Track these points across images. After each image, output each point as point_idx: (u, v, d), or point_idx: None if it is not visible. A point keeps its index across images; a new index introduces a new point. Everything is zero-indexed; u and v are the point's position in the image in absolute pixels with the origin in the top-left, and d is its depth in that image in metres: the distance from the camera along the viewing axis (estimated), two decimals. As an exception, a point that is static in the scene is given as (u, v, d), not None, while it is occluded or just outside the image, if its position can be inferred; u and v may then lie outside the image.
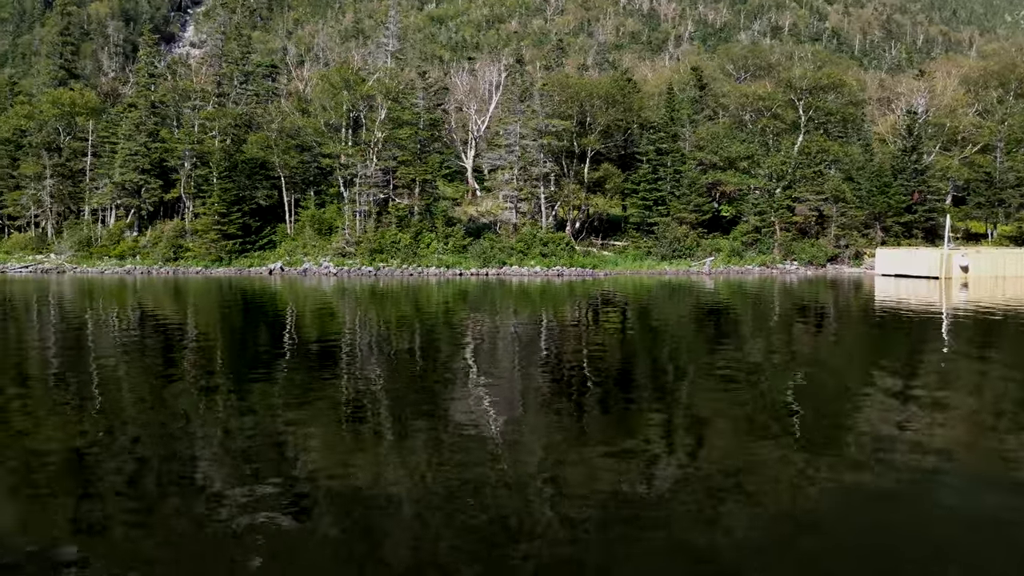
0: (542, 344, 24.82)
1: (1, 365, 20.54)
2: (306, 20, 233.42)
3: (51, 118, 76.56)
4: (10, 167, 78.01)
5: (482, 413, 14.56)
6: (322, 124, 70.54)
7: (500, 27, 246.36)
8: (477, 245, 66.02)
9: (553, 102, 69.68)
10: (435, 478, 10.59)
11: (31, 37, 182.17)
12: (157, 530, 8.90)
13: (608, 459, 11.57)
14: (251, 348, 24.31)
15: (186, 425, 13.47)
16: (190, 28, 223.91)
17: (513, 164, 68.26)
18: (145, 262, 68.39)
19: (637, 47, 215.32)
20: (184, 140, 71.25)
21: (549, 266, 63.66)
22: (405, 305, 39.34)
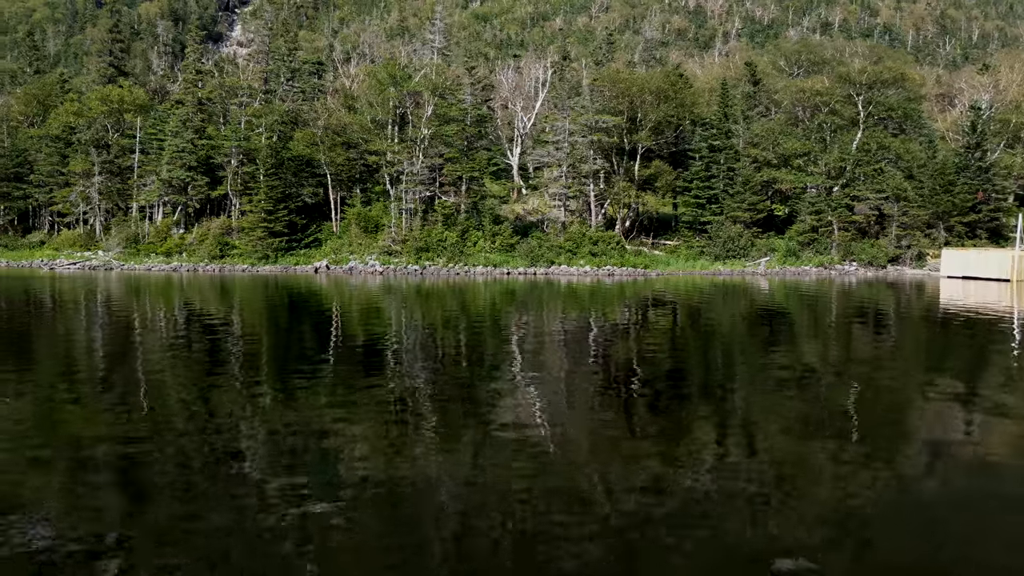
0: (591, 345, 24.25)
1: (52, 362, 20.53)
2: (351, 19, 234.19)
3: (100, 115, 76.78)
4: (60, 164, 78.41)
5: (529, 413, 14.39)
6: (368, 121, 69.71)
7: (545, 24, 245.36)
8: (525, 244, 64.66)
9: (603, 97, 68.05)
10: (480, 477, 10.54)
11: (83, 37, 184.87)
12: (203, 524, 8.92)
13: (656, 460, 11.42)
14: (297, 346, 24.12)
15: (232, 422, 13.50)
16: (237, 28, 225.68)
17: (562, 161, 66.74)
18: (191, 259, 68.13)
19: (684, 44, 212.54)
20: (231, 137, 70.87)
21: (599, 266, 62.08)
22: (451, 304, 38.70)
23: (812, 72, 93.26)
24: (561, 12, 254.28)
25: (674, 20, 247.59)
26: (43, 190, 79.97)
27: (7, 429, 13.08)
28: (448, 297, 42.68)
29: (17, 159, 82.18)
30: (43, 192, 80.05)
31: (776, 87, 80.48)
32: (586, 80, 68.48)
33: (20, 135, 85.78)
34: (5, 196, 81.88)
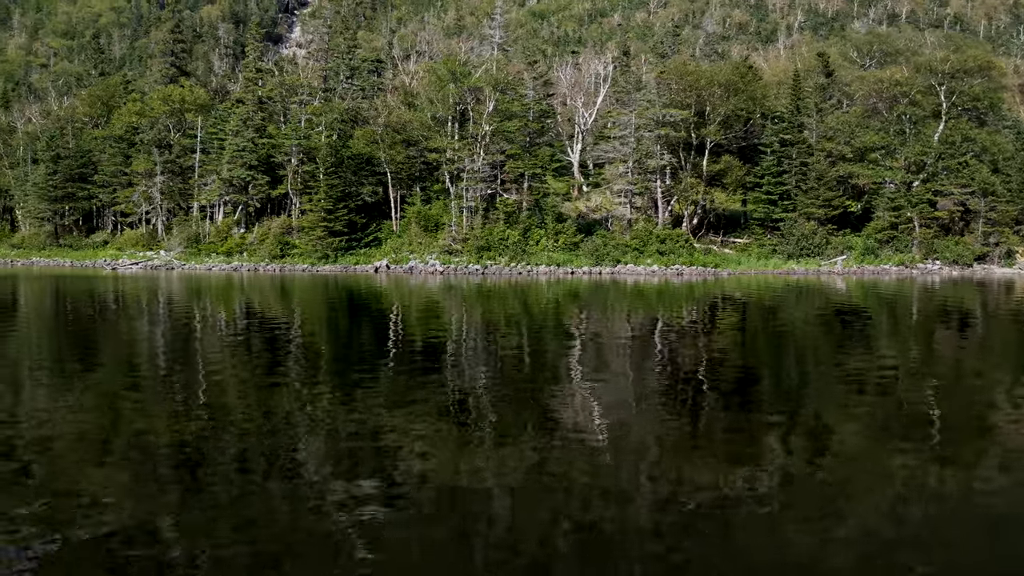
0: (658, 346, 23.37)
1: (115, 361, 20.53)
2: (408, 19, 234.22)
3: (161, 115, 76.89)
4: (123, 165, 78.80)
5: (591, 416, 13.98)
6: (428, 118, 68.39)
7: (602, 21, 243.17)
8: (589, 242, 62.68)
9: (670, 91, 65.69)
10: (539, 480, 10.39)
11: (147, 41, 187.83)
12: (260, 524, 8.89)
13: (720, 464, 11.12)
14: (356, 347, 23.75)
15: (290, 422, 13.40)
16: (296, 29, 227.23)
17: (627, 157, 64.56)
18: (252, 259, 67.62)
19: (745, 38, 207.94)
20: (291, 136, 70.24)
21: (667, 265, 59.83)
22: (513, 304, 37.70)
23: (885, 63, 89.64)
24: (619, 8, 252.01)
25: (735, 14, 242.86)
26: (106, 190, 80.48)
27: (72, 426, 13.08)
28: (510, 297, 41.68)
29: (82, 160, 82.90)
30: (106, 192, 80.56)
31: (846, 80, 77.17)
32: (652, 73, 66.11)
33: (85, 136, 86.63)
34: (70, 196, 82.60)
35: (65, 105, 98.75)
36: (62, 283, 51.47)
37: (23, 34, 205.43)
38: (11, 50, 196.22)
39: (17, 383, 17.18)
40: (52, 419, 13.52)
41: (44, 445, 11.97)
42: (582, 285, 49.82)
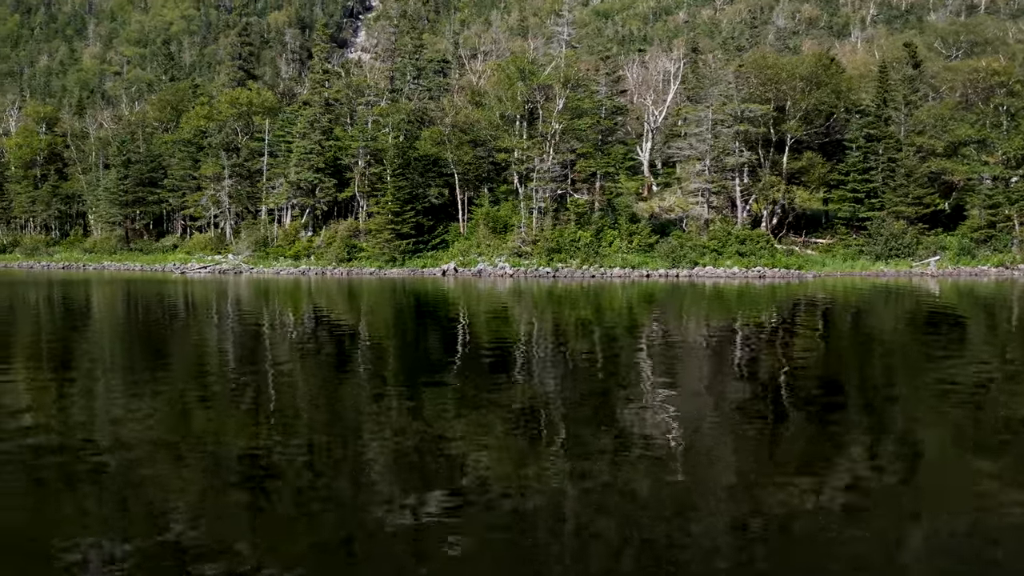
0: (737, 352, 22.39)
1: (185, 366, 20.49)
2: (471, 21, 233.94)
3: (229, 118, 76.81)
4: (192, 168, 79.00)
5: (664, 424, 13.45)
6: (497, 116, 66.68)
7: (667, 19, 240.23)
8: (665, 243, 60.21)
9: (748, 85, 62.80)
10: (606, 491, 10.07)
11: (215, 48, 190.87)
12: (325, 531, 8.85)
13: (798, 476, 10.67)
14: (423, 352, 23.48)
15: (357, 427, 13.45)
16: (361, 33, 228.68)
17: (704, 154, 61.90)
18: (319, 263, 66.82)
19: (816, 32, 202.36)
20: (358, 137, 69.30)
21: (748, 267, 57.04)
22: (585, 308, 36.45)
23: (973, 54, 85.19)
24: (684, 5, 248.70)
25: (804, 9, 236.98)
26: (176, 194, 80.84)
27: (143, 430, 13.13)
28: (582, 300, 40.31)
29: (152, 164, 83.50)
30: (176, 196, 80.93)
31: (933, 70, 73.16)
32: (730, 67, 63.32)
33: (155, 141, 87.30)
34: (140, 201, 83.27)
35: (136, 110, 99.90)
36: (132, 287, 51.36)
37: (98, 43, 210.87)
38: (87, 59, 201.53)
39: (91, 388, 17.11)
40: (125, 423, 13.54)
41: (117, 449, 12.00)
42: (658, 288, 47.83)
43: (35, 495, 10.01)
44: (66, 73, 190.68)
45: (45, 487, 10.31)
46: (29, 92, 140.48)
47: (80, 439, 12.66)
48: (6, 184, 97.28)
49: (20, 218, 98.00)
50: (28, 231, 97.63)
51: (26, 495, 10.00)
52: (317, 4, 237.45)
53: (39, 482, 10.49)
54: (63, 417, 14.26)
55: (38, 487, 10.31)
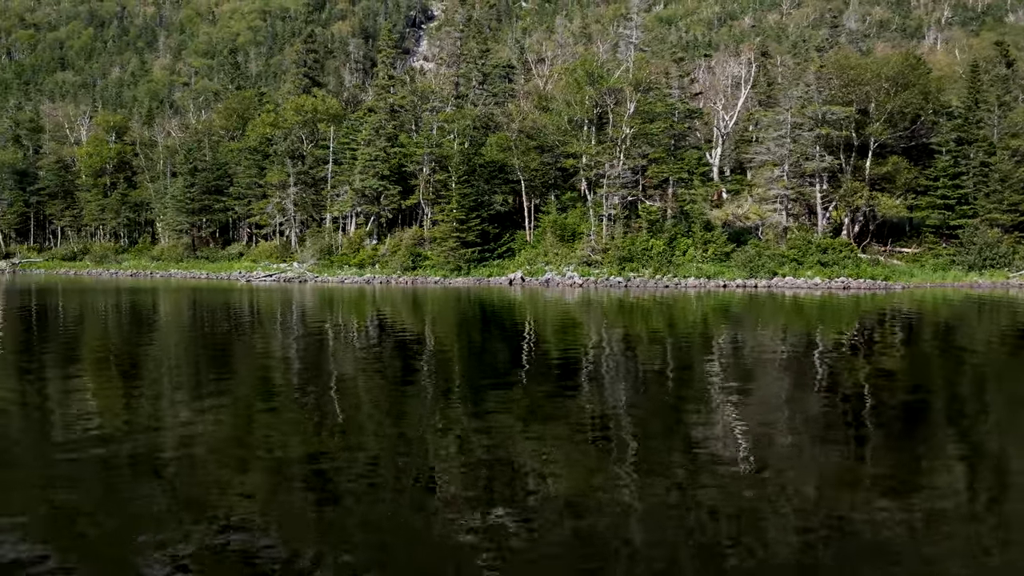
0: (817, 367, 21.45)
1: (250, 373, 20.55)
2: (533, 28, 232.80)
3: (294, 125, 76.44)
4: (257, 176, 78.84)
5: (738, 441, 13.01)
6: (565, 121, 64.86)
7: (732, 24, 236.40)
8: (742, 252, 57.60)
9: (830, 87, 59.90)
10: (676, 506, 9.83)
11: (281, 58, 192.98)
12: (386, 541, 8.80)
13: (877, 496, 10.08)
14: (489, 362, 22.99)
15: (422, 439, 13.26)
16: (423, 43, 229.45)
17: (783, 159, 59.17)
18: (384, 271, 65.75)
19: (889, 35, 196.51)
20: (423, 144, 68.15)
21: (831, 277, 54.16)
22: (657, 319, 35.52)
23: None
24: (749, 10, 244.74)
25: (875, 12, 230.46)
26: (242, 202, 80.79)
27: (209, 436, 13.29)
28: (654, 311, 38.98)
29: (218, 172, 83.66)
30: (242, 204, 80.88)
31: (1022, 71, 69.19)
32: (811, 68, 60.45)
33: (221, 149, 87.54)
34: (207, 209, 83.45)
35: (203, 119, 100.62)
36: (199, 296, 50.93)
37: (167, 55, 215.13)
38: (156, 70, 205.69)
39: (158, 393, 17.31)
40: (191, 429, 13.72)
41: (184, 454, 12.16)
42: (735, 299, 45.63)
43: (109, 493, 10.36)
44: (137, 84, 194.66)
45: (116, 485, 10.65)
46: (101, 103, 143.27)
47: (147, 442, 12.88)
48: (77, 192, 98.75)
49: (90, 226, 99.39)
50: (98, 238, 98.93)
51: (100, 493, 10.39)
52: (380, 14, 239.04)
53: (111, 481, 10.88)
54: (131, 421, 14.49)
55: (110, 485, 10.68)
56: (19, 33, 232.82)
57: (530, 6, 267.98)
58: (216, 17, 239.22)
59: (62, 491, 10.46)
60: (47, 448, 12.67)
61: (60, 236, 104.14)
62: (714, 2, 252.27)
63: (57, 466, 11.55)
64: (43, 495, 10.26)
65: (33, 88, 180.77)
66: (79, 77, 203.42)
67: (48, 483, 10.77)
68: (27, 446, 12.99)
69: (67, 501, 10.12)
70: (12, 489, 10.58)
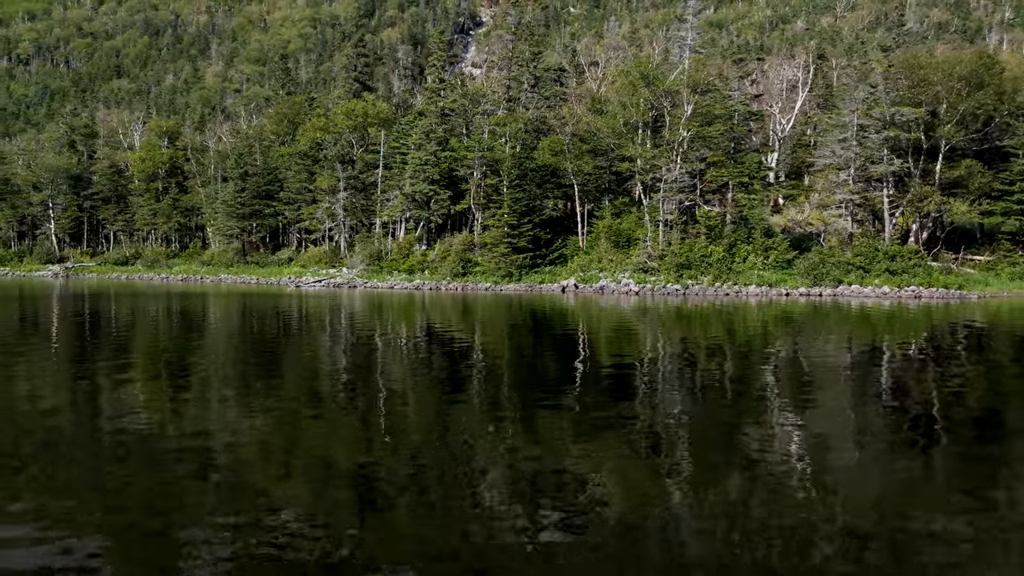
0: (884, 379, 20.49)
1: (298, 379, 20.48)
2: (582, 34, 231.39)
3: (345, 130, 75.87)
4: (307, 181, 78.44)
5: (796, 455, 12.56)
6: (620, 124, 63.19)
7: (784, 27, 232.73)
8: (805, 260, 55.35)
9: (899, 87, 57.39)
10: (735, 521, 9.45)
11: (331, 64, 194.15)
12: (431, 550, 8.71)
13: (943, 515, 9.66)
14: (540, 371, 22.34)
15: (470, 447, 13.04)
16: (471, 49, 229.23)
17: (849, 162, 56.82)
18: (433, 277, 64.65)
19: (948, 37, 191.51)
20: (474, 148, 67.00)
21: (900, 286, 51.71)
22: (717, 328, 34.13)
23: None
24: (802, 13, 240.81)
25: (933, 13, 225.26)
26: (291, 207, 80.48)
27: (257, 442, 13.34)
28: (713, 320, 37.42)
29: (268, 177, 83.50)
30: (291, 209, 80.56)
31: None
32: (879, 68, 57.99)
33: (272, 154, 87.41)
34: (257, 214, 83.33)
35: (254, 124, 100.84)
36: (249, 301, 50.41)
37: (220, 62, 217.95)
38: (209, 77, 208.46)
39: (207, 398, 17.29)
40: (239, 434, 13.83)
41: (231, 459, 12.25)
42: (797, 308, 43.85)
43: (156, 492, 10.51)
44: (189, 91, 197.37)
45: (164, 485, 10.80)
46: (155, 110, 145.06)
47: (195, 444, 13.06)
48: (129, 197, 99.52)
49: (142, 230, 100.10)
50: (149, 243, 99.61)
51: (148, 492, 10.52)
52: (429, 20, 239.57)
53: (159, 480, 11.02)
54: (179, 423, 14.62)
55: (158, 485, 10.82)
56: (77, 42, 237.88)
57: (578, 12, 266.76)
58: (267, 25, 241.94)
59: (112, 489, 10.74)
60: (99, 448, 13.00)
61: (113, 241, 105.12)
62: (765, 5, 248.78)
63: (108, 465, 11.91)
64: (95, 493, 10.56)
65: (89, 95, 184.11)
66: (134, 84, 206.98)
67: (100, 482, 11.08)
68: (80, 446, 13.11)
69: (117, 499, 10.35)
70: (66, 486, 10.86)
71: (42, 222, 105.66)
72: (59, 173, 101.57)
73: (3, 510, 9.75)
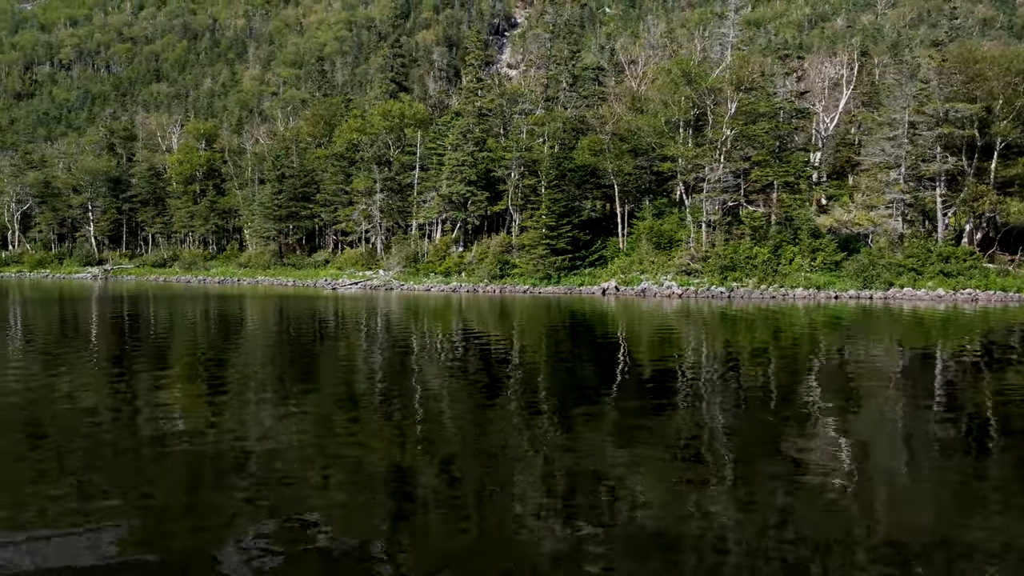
0: (936, 384, 19.98)
1: (335, 382, 20.45)
2: (617, 34, 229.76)
3: (381, 131, 75.26)
4: (344, 183, 77.97)
5: (843, 463, 12.04)
6: (662, 123, 61.81)
7: (824, 26, 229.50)
8: (854, 261, 53.58)
9: (954, 82, 55.38)
10: (774, 532, 9.29)
11: (366, 67, 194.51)
12: (466, 556, 8.64)
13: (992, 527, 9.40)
14: (580, 376, 21.75)
15: (506, 453, 12.82)
16: (507, 51, 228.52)
17: (900, 161, 54.94)
18: (470, 279, 63.73)
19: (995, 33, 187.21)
20: (512, 148, 65.98)
21: (955, 288, 49.80)
22: (762, 333, 33.17)
23: None
24: (842, 11, 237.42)
25: (977, 10, 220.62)
26: (328, 209, 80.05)
27: (294, 445, 13.27)
28: (759, 324, 36.29)
29: (305, 179, 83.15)
30: (328, 211, 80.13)
31: None
32: (932, 62, 55.97)
33: (308, 156, 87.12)
34: (293, 215, 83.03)
35: (290, 126, 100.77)
36: (286, 303, 50.05)
37: (257, 66, 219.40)
38: (246, 81, 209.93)
39: (244, 401, 17.30)
40: (276, 437, 13.86)
41: (269, 462, 12.21)
42: (847, 311, 42.57)
43: (194, 492, 10.89)
44: (227, 94, 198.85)
45: (201, 485, 11.19)
46: (193, 113, 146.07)
47: (232, 446, 13.23)
48: (167, 199, 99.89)
49: (180, 233, 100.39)
50: (187, 245, 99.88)
51: (186, 492, 10.84)
52: (464, 22, 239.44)
53: (197, 480, 11.44)
54: (218, 426, 14.72)
55: (196, 484, 11.24)
56: (117, 47, 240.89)
57: (613, 12, 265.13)
58: (304, 28, 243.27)
59: (150, 488, 10.95)
60: (138, 448, 13.19)
61: (151, 243, 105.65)
62: (804, 3, 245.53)
63: (146, 465, 12.18)
64: (135, 492, 10.75)
65: (129, 99, 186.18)
66: (173, 88, 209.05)
67: (139, 481, 11.32)
68: (119, 447, 13.33)
69: (156, 498, 10.54)
70: (106, 486, 11.05)
71: (81, 224, 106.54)
72: (98, 176, 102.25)
73: (45, 509, 9.99)
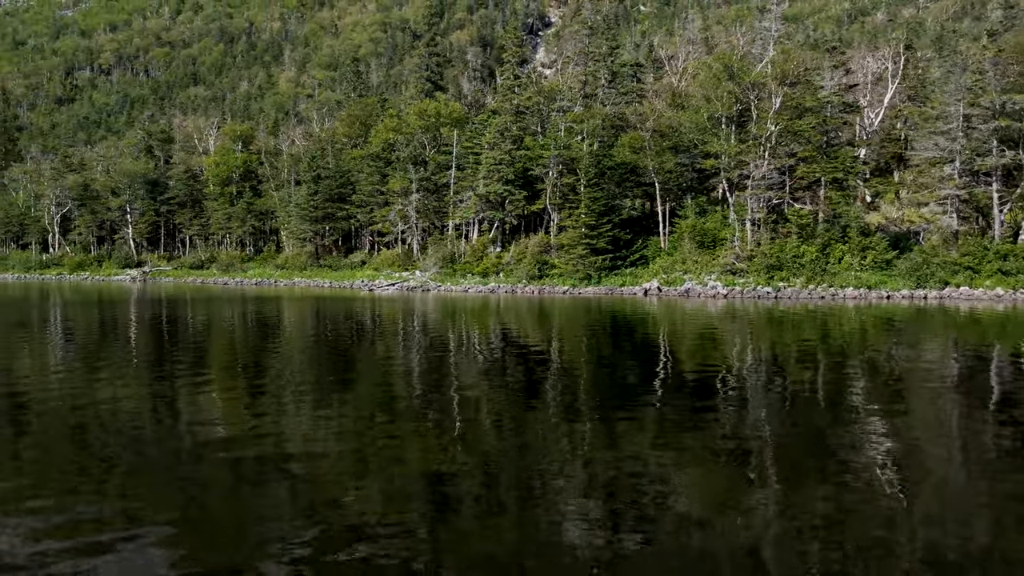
0: (992, 387, 19.13)
1: (372, 384, 20.28)
2: (652, 31, 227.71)
3: (417, 130, 74.50)
4: (379, 183, 77.34)
5: (893, 468, 11.75)
6: (704, 119, 60.30)
7: (864, 20, 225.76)
8: (906, 260, 51.69)
9: (1011, 73, 53.28)
10: (817, 538, 9.13)
11: (401, 68, 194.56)
12: (504, 562, 8.62)
13: None
14: (620, 379, 21.32)
15: (545, 457, 12.66)
16: (540, 50, 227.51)
17: (954, 155, 52.94)
18: (508, 280, 62.70)
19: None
20: (550, 146, 64.83)
21: (1015, 287, 47.79)
22: (811, 333, 32.23)
23: None
24: (883, 5, 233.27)
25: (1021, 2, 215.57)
26: (364, 210, 79.50)
27: (332, 449, 13.22)
28: (807, 325, 35.12)
29: (341, 180, 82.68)
30: (364, 212, 79.57)
31: None
32: (988, 52, 53.89)
33: (344, 157, 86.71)
34: (330, 217, 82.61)
35: (326, 127, 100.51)
36: (323, 305, 49.57)
37: (292, 68, 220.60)
38: (282, 83, 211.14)
39: (282, 402, 17.17)
40: (314, 440, 13.81)
41: (310, 468, 12.06)
42: (900, 311, 40.96)
43: (232, 495, 10.93)
44: (263, 97, 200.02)
45: (239, 488, 11.19)
46: (230, 115, 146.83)
47: (269, 449, 13.14)
48: (204, 201, 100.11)
49: (217, 234, 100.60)
50: (224, 247, 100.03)
51: (224, 495, 10.93)
52: (498, 22, 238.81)
53: (235, 483, 11.43)
54: (257, 429, 14.63)
55: (234, 488, 11.24)
56: (155, 51, 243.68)
57: (648, 9, 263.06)
58: (339, 30, 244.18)
59: (193, 495, 10.88)
60: (176, 451, 13.26)
61: (188, 245, 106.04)
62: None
63: (184, 468, 12.24)
64: (173, 495, 10.77)
65: (167, 103, 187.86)
66: (210, 91, 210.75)
67: (177, 483, 11.33)
68: (158, 449, 13.34)
69: (198, 506, 10.53)
70: (145, 488, 11.05)
71: (120, 227, 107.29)
72: (136, 178, 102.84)
73: (84, 510, 10.05)
